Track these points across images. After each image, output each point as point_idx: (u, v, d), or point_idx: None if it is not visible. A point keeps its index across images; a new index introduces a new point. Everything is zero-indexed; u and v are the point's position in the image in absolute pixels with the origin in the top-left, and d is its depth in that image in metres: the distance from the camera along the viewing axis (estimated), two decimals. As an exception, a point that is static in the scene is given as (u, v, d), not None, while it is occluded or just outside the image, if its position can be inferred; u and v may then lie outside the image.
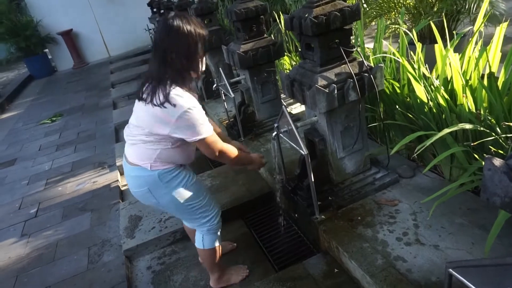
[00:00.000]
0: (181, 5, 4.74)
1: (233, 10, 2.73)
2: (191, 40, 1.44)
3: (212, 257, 1.83)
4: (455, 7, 3.40)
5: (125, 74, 7.00)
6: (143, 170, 1.56)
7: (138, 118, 1.54)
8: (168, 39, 1.43)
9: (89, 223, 2.74)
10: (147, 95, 1.47)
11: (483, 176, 0.99)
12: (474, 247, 1.61)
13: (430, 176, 2.10)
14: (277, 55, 2.89)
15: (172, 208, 1.68)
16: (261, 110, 3.11)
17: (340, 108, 1.87)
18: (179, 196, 1.60)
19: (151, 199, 1.63)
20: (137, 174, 1.58)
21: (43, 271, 2.34)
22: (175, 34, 1.42)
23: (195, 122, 1.45)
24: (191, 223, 1.79)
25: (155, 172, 1.55)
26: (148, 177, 1.56)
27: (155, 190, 1.59)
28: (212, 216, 1.75)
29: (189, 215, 1.71)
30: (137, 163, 1.57)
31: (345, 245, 1.78)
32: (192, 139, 1.48)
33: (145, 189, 1.59)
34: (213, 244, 1.79)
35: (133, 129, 1.56)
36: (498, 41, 1.91)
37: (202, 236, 1.78)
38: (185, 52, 1.45)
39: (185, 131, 1.46)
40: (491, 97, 1.67)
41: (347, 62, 1.82)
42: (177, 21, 1.42)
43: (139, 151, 1.55)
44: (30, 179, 3.67)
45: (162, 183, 1.57)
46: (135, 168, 1.58)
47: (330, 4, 1.75)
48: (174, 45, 1.43)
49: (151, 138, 1.51)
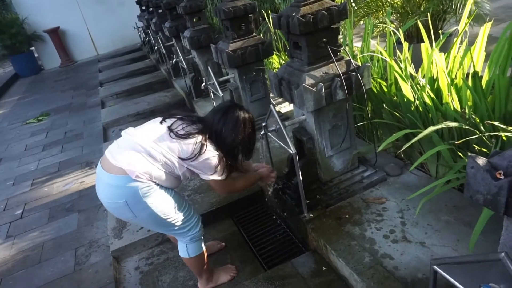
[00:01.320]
0: (170, 3, 4.70)
1: (221, 9, 2.72)
2: (243, 140, 1.66)
3: (199, 263, 1.81)
4: (441, 7, 3.45)
5: (114, 72, 6.92)
6: (125, 179, 1.48)
7: (156, 134, 1.56)
8: (233, 124, 1.63)
9: (76, 223, 2.70)
10: (180, 128, 1.58)
11: (467, 174, 1.01)
12: (459, 243, 1.63)
13: (417, 174, 2.13)
14: (266, 54, 2.89)
15: (150, 223, 1.64)
16: (250, 109, 3.09)
17: (328, 107, 1.87)
18: (158, 211, 1.57)
19: (127, 213, 1.55)
20: (116, 184, 1.50)
21: (29, 273, 2.30)
22: (238, 126, 1.64)
23: (214, 167, 1.61)
24: (172, 234, 1.77)
25: (135, 183, 1.48)
26: (127, 187, 1.48)
27: (133, 204, 1.52)
28: (193, 225, 1.73)
29: (169, 228, 1.67)
30: (122, 167, 1.48)
31: (333, 243, 1.79)
32: (207, 178, 1.65)
33: (122, 201, 1.51)
34: (198, 250, 1.76)
35: (148, 139, 1.54)
36: (482, 41, 1.94)
37: (185, 246, 1.74)
38: (234, 144, 1.64)
39: (204, 171, 1.62)
40: (475, 96, 1.69)
41: (334, 61, 1.83)
42: (247, 118, 1.67)
43: (136, 157, 1.50)
44: (15, 179, 3.61)
45: (142, 196, 1.51)
46: (115, 176, 1.50)
47: (317, 3, 1.76)
48: (233, 132, 1.63)
49: (160, 156, 1.52)
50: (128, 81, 6.18)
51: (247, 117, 1.67)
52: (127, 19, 8.74)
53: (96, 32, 9.37)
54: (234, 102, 1.78)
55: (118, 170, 1.50)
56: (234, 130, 1.62)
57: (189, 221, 1.71)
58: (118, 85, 6.06)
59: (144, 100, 4.93)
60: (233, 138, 1.62)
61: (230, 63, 2.79)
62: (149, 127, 1.62)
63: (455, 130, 1.82)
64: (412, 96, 2.00)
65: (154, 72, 6.38)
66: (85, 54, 9.43)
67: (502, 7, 5.98)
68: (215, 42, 3.24)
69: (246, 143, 1.69)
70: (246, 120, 1.66)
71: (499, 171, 0.94)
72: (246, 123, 1.66)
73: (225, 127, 1.61)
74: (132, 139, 1.56)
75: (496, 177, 0.94)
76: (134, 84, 5.86)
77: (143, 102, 4.89)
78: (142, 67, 6.84)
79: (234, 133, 1.62)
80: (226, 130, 1.61)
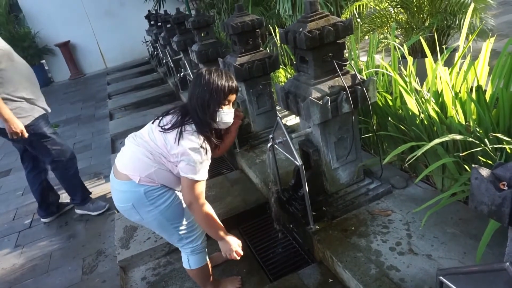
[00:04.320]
0: (178, 18, 4.82)
1: (229, 24, 2.79)
2: (212, 90, 1.54)
3: (201, 275, 1.82)
4: (445, 22, 3.50)
5: (122, 85, 7.05)
6: (130, 184, 1.55)
7: (153, 134, 1.58)
8: (195, 87, 1.56)
9: (84, 233, 2.73)
10: (167, 123, 1.56)
11: (471, 185, 1.03)
12: (466, 256, 1.63)
13: (423, 186, 2.14)
14: (272, 68, 2.95)
15: (155, 226, 1.67)
16: (256, 122, 3.15)
17: (334, 119, 1.91)
18: (163, 215, 1.61)
19: (135, 216, 1.62)
20: (124, 189, 1.58)
21: (37, 282, 2.33)
22: (202, 83, 1.55)
23: (193, 162, 1.50)
24: (174, 242, 1.77)
25: (141, 188, 1.55)
26: (134, 192, 1.55)
27: (139, 207, 1.58)
28: (196, 237, 1.74)
29: (172, 234, 1.70)
30: (126, 173, 1.56)
31: (339, 255, 1.79)
32: (183, 175, 1.51)
33: (129, 205, 1.58)
34: (200, 263, 1.77)
35: (144, 141, 1.58)
36: (485, 55, 1.97)
37: (187, 257, 1.76)
38: (205, 101, 1.54)
39: (183, 165, 1.51)
40: (479, 109, 1.72)
41: (340, 75, 1.87)
42: (206, 72, 1.56)
43: (137, 162, 1.56)
44: (25, 189, 3.66)
45: (147, 200, 1.56)
46: (122, 182, 1.58)
47: (323, 19, 1.81)
48: (199, 93, 1.55)
49: (156, 157, 1.54)
50: (136, 93, 6.28)
51: (214, 78, 1.55)
52: (136, 33, 8.94)
53: (105, 46, 9.57)
54: (202, 69, 1.60)
55: (124, 176, 1.58)
56: (211, 93, 1.53)
57: (192, 233, 1.72)
58: (126, 98, 6.16)
59: (152, 112, 5.00)
60: (212, 101, 1.54)
61: (237, 76, 2.84)
62: (145, 129, 1.65)
63: (460, 143, 1.84)
64: (417, 109, 2.03)
65: (161, 85, 6.48)
66: (94, 67, 9.62)
67: (506, 23, 6.03)
68: (223, 56, 3.31)
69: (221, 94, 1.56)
70: (217, 78, 1.55)
71: (503, 182, 0.96)
72: (217, 80, 1.55)
73: (200, 99, 1.54)
74: (132, 144, 1.62)
75: (500, 188, 0.96)
76: (142, 96, 5.96)
77: (150, 114, 4.96)
78: (150, 80, 6.95)
79: (211, 96, 1.54)
80: (203, 100, 1.53)
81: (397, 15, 3.95)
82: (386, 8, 3.98)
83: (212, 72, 1.56)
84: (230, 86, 1.58)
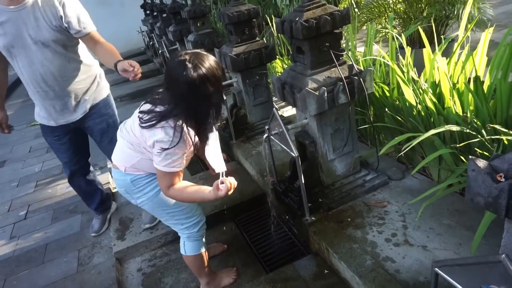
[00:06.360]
0: (174, 7, 4.75)
1: (225, 13, 2.75)
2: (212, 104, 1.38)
3: (196, 263, 1.82)
4: (444, 13, 3.47)
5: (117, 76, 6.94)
6: (119, 172, 1.61)
7: (133, 125, 1.52)
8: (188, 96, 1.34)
9: (79, 225, 2.72)
10: (144, 115, 1.42)
11: (467, 176, 1.02)
12: (461, 247, 1.64)
13: (419, 178, 2.13)
14: (269, 58, 2.91)
15: (150, 210, 1.72)
16: (253, 113, 3.12)
17: (330, 110, 1.89)
18: (152, 202, 1.64)
19: (131, 199, 1.69)
20: (116, 177, 1.65)
21: (32, 273, 2.32)
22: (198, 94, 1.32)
23: (165, 154, 1.39)
24: (172, 227, 1.79)
25: (128, 177, 1.59)
26: (123, 180, 1.61)
27: (130, 193, 1.64)
28: (191, 225, 1.74)
29: (166, 220, 1.73)
30: (115, 163, 1.62)
31: (335, 246, 1.79)
32: (155, 165, 1.43)
33: (123, 190, 1.65)
34: (195, 250, 1.77)
35: (127, 132, 1.55)
36: (484, 46, 1.96)
37: (183, 242, 1.78)
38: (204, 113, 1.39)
39: (156, 156, 1.41)
40: (477, 100, 1.71)
41: (337, 66, 1.85)
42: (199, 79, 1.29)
43: (122, 154, 1.59)
44: (19, 181, 3.63)
45: (135, 187, 1.60)
46: (114, 171, 1.65)
47: (320, 8, 1.78)
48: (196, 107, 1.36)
49: (136, 147, 1.52)
50: (131, 84, 6.22)
51: (203, 72, 1.29)
52: (132, 23, 8.82)
53: (100, 36, 9.44)
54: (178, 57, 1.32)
55: (116, 165, 1.63)
56: (196, 99, 1.32)
57: (187, 220, 1.72)
58: (121, 89, 6.10)
59: (148, 103, 4.96)
60: (200, 109, 1.35)
61: (233, 67, 2.81)
62: (131, 119, 1.57)
63: (457, 134, 1.83)
64: (414, 100, 2.02)
65: (157, 76, 6.43)
66: (90, 58, 9.50)
67: (505, 13, 6.00)
68: (219, 46, 3.27)
69: (215, 103, 1.39)
70: (203, 77, 1.29)
71: (500, 174, 0.95)
72: (204, 81, 1.30)
73: (186, 102, 1.33)
74: (118, 136, 1.62)
75: (497, 180, 0.95)
76: (137, 87, 5.90)
77: (146, 105, 4.92)
78: (146, 71, 6.88)
79: (198, 103, 1.34)
80: (190, 105, 1.33)
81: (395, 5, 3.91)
82: (384, -3, 3.93)
83: (206, 77, 1.30)
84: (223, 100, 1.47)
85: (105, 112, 2.26)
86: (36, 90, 2.01)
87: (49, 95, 2.02)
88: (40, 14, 1.87)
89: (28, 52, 1.91)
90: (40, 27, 1.88)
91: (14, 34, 1.87)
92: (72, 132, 2.24)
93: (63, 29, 1.93)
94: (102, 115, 2.25)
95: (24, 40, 1.88)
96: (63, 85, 2.02)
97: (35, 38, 1.89)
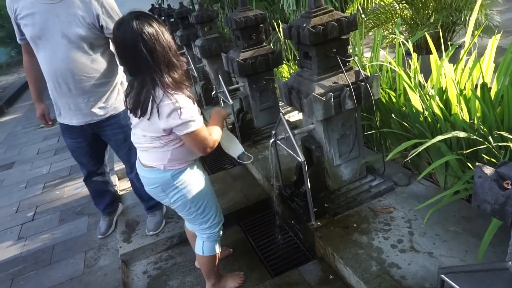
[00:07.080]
0: (182, 12, 4.80)
1: (233, 19, 2.78)
2: (167, 47, 1.40)
3: (210, 263, 1.84)
4: (451, 19, 3.47)
5: (125, 79, 7.03)
6: (157, 171, 1.59)
7: (138, 127, 1.55)
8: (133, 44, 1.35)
9: (86, 227, 2.75)
10: (132, 106, 1.45)
11: (474, 183, 1.02)
12: (467, 254, 1.63)
13: (425, 184, 2.13)
14: (275, 64, 2.93)
15: (180, 206, 1.69)
16: (259, 117, 3.14)
17: (337, 116, 1.90)
18: (188, 193, 1.64)
19: (164, 197, 1.67)
20: (151, 176, 1.62)
21: (39, 274, 2.34)
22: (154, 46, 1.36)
23: (182, 119, 1.42)
24: (194, 225, 1.80)
25: (167, 173, 1.58)
26: (161, 177, 1.60)
27: (166, 188, 1.63)
28: (214, 224, 1.76)
29: (193, 215, 1.72)
30: (151, 165, 1.59)
31: (340, 252, 1.79)
32: (182, 134, 1.45)
33: (158, 188, 1.64)
34: (212, 251, 1.80)
35: (139, 138, 1.58)
36: (491, 52, 1.95)
37: (202, 243, 1.79)
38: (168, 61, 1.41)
39: (177, 128, 1.44)
40: (484, 107, 1.70)
41: (344, 71, 1.86)
42: (146, 32, 1.34)
43: (151, 156, 1.58)
44: (28, 182, 3.68)
45: (175, 182, 1.60)
46: (149, 170, 1.61)
47: (327, 14, 1.79)
48: (159, 57, 1.38)
49: (158, 143, 1.53)
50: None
51: (140, 18, 1.35)
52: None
53: (109, 40, 9.53)
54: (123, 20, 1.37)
55: (151, 165, 1.61)
56: (150, 50, 1.34)
57: (212, 217, 1.75)
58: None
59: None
60: (160, 59, 1.37)
61: (240, 71, 2.83)
62: (133, 125, 1.60)
63: (464, 140, 1.83)
64: (420, 106, 2.02)
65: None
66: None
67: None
68: (226, 51, 3.30)
69: (167, 55, 1.40)
70: (142, 22, 1.34)
71: (507, 181, 0.95)
72: (145, 24, 1.34)
73: (144, 60, 1.35)
74: (135, 140, 1.61)
75: (503, 187, 0.95)
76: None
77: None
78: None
79: (154, 53, 1.35)
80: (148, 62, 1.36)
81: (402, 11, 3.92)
82: (391, 3, 3.95)
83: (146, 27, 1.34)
84: None
85: (125, 123, 2.20)
86: (53, 85, 2.03)
87: (64, 92, 2.03)
88: (74, 9, 1.89)
89: (53, 45, 1.92)
90: (71, 22, 1.90)
91: (42, 26, 1.88)
92: (91, 138, 2.25)
93: (95, 27, 1.95)
94: (122, 126, 2.21)
95: (52, 33, 1.90)
96: (79, 85, 2.01)
97: (63, 32, 1.90)
